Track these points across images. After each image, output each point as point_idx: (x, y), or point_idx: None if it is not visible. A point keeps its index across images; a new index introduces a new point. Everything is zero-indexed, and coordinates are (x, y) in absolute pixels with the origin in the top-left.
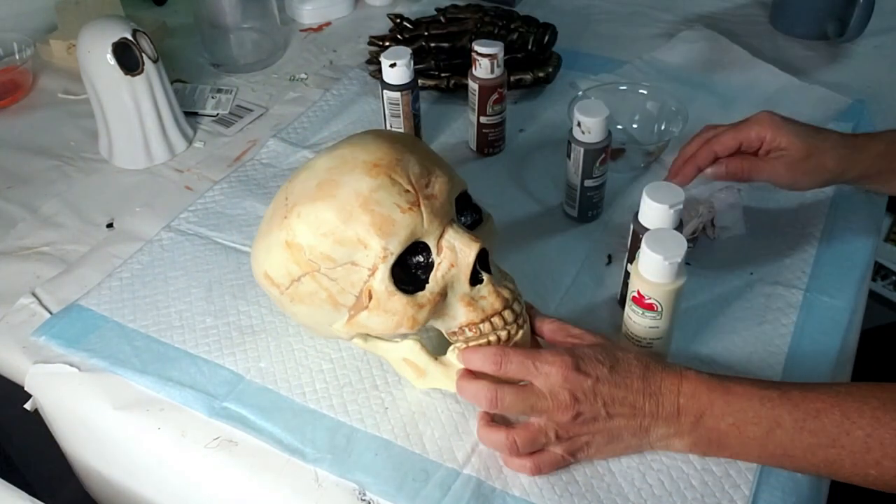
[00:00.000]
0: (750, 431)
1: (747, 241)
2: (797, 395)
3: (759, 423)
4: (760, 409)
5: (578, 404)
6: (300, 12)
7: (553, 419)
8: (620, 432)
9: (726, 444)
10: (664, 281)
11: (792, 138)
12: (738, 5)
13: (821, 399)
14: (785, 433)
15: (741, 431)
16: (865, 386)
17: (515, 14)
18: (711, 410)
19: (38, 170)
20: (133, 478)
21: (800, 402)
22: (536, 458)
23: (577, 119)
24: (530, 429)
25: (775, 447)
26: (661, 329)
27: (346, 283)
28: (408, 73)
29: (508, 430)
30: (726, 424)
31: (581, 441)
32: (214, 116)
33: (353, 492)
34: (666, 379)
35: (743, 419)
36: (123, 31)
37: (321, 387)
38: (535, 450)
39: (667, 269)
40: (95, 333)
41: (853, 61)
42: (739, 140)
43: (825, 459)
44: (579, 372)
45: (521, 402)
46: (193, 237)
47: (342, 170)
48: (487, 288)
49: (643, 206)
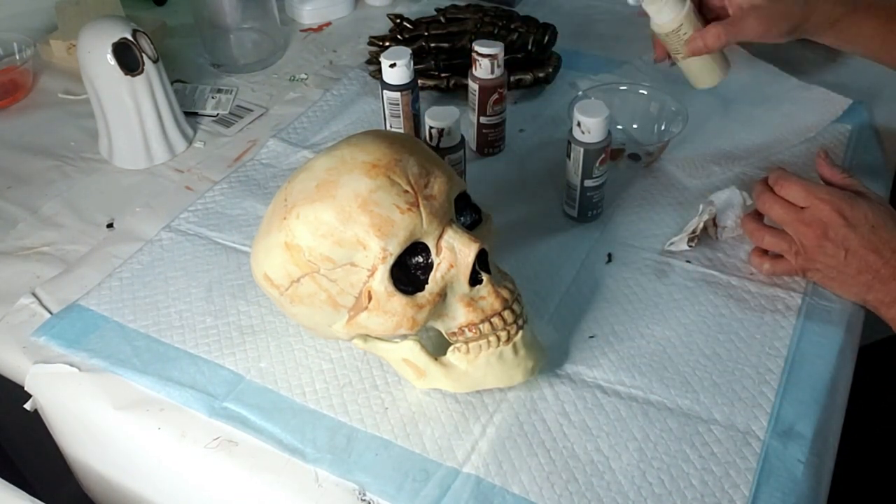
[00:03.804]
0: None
1: (747, 241)
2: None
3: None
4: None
5: (826, 241)
6: (300, 12)
7: (801, 239)
8: (847, 279)
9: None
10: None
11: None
12: None
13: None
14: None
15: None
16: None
17: (515, 14)
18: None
19: (38, 170)
20: (133, 478)
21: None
22: (775, 263)
23: (577, 119)
24: (781, 235)
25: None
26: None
27: (345, 284)
28: (408, 74)
29: (765, 228)
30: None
31: (815, 264)
32: (214, 116)
33: (353, 492)
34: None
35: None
36: (123, 31)
37: (321, 387)
38: (776, 255)
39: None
40: (95, 333)
41: (853, 61)
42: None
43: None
44: (843, 216)
45: (786, 214)
46: (193, 237)
47: (341, 170)
48: (487, 288)
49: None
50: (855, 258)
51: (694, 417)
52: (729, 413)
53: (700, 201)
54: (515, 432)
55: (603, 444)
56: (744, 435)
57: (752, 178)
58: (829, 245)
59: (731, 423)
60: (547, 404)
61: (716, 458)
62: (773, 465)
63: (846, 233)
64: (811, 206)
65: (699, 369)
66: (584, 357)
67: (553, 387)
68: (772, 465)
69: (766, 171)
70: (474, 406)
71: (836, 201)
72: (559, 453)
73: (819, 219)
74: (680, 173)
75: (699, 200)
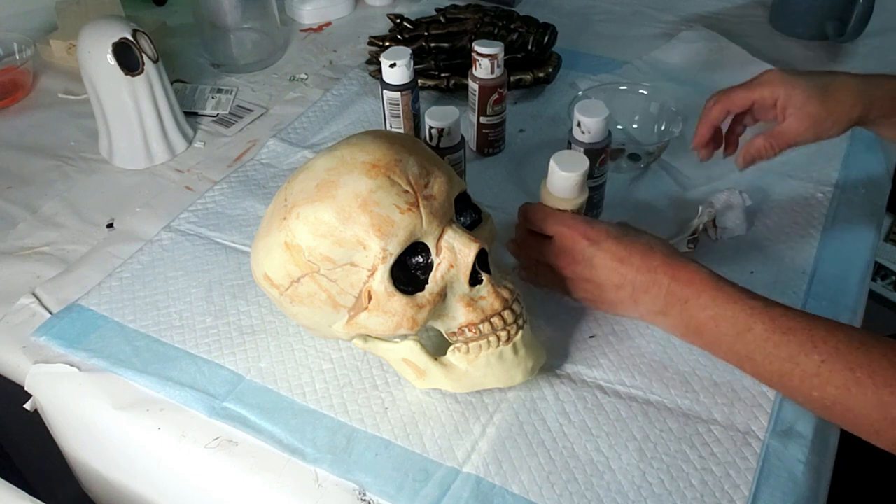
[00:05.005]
0: (724, 328)
1: (747, 241)
2: (777, 312)
3: (735, 324)
4: (740, 313)
5: (576, 265)
6: (300, 12)
7: (558, 273)
8: (609, 297)
9: (702, 333)
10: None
11: (806, 93)
12: (738, 5)
13: (797, 321)
14: (753, 338)
15: (717, 326)
16: (846, 325)
17: (515, 14)
18: (697, 300)
19: (38, 170)
20: (132, 478)
21: (777, 317)
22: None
23: (577, 119)
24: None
25: (741, 348)
26: None
27: (345, 284)
28: (408, 73)
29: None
30: (706, 316)
31: (578, 293)
32: (214, 116)
33: (353, 492)
34: (668, 263)
35: (722, 315)
36: (123, 31)
37: (321, 387)
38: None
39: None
40: (95, 333)
41: (853, 61)
42: (752, 98)
43: (779, 371)
44: (586, 237)
45: (533, 246)
46: (193, 237)
47: (341, 170)
48: (487, 288)
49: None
50: (604, 272)
51: (694, 417)
52: (729, 413)
53: (699, 202)
54: (515, 432)
55: (603, 444)
56: (744, 435)
57: (751, 179)
58: (578, 268)
59: (731, 423)
60: (547, 404)
61: (716, 458)
62: (773, 465)
63: (591, 251)
64: (554, 235)
65: (699, 369)
66: (584, 357)
67: (553, 387)
68: (772, 465)
69: (766, 170)
70: (474, 406)
71: (577, 225)
72: (559, 453)
73: (565, 246)
74: (680, 174)
75: (699, 201)
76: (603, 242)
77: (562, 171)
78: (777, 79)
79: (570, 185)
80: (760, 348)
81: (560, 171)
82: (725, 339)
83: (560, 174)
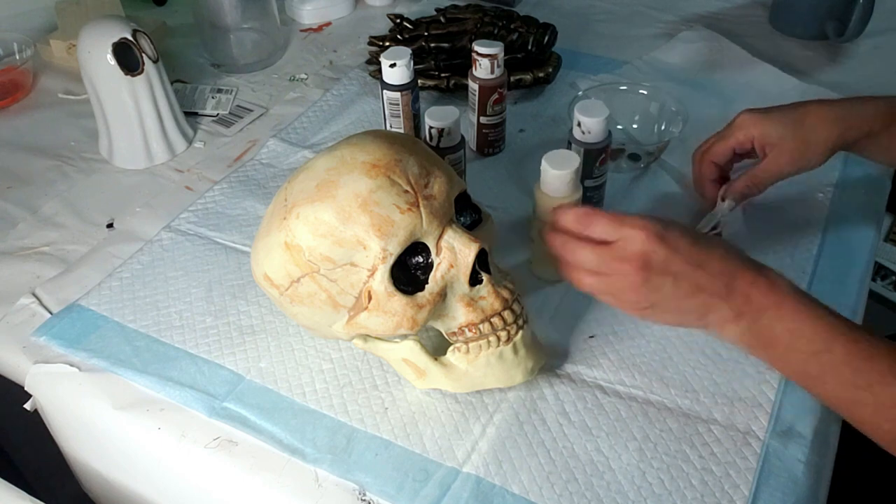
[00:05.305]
0: (800, 345)
1: (747, 241)
2: (860, 335)
3: (812, 342)
4: (820, 331)
5: (649, 272)
6: (300, 12)
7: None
8: (682, 305)
9: (774, 346)
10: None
11: (779, 129)
12: (738, 5)
13: (880, 348)
14: (830, 360)
15: (792, 341)
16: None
17: (515, 14)
18: (777, 311)
19: (38, 170)
20: (132, 478)
21: (860, 340)
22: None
23: (577, 119)
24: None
25: (814, 368)
26: None
27: (345, 284)
28: (408, 73)
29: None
30: (782, 329)
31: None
32: (214, 116)
33: (353, 492)
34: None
35: (799, 331)
36: (123, 31)
37: (321, 387)
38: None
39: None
40: (95, 333)
41: (853, 61)
42: (730, 147)
43: (851, 398)
44: (661, 241)
45: (597, 258)
46: (193, 237)
47: (341, 170)
48: (487, 288)
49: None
50: (684, 280)
51: (694, 417)
52: (729, 413)
53: (699, 202)
54: (515, 432)
55: (603, 444)
56: (744, 435)
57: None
58: (653, 275)
59: (731, 423)
60: (547, 404)
61: (716, 458)
62: (773, 465)
63: (668, 256)
64: (623, 238)
65: (699, 369)
66: (584, 357)
67: (553, 387)
68: (772, 465)
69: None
70: (474, 406)
71: (648, 225)
72: (559, 453)
73: (636, 250)
74: (680, 174)
75: (699, 201)
76: (680, 247)
77: (553, 169)
78: (749, 120)
79: (563, 183)
80: (836, 371)
81: (552, 170)
82: (798, 357)
83: (552, 173)
